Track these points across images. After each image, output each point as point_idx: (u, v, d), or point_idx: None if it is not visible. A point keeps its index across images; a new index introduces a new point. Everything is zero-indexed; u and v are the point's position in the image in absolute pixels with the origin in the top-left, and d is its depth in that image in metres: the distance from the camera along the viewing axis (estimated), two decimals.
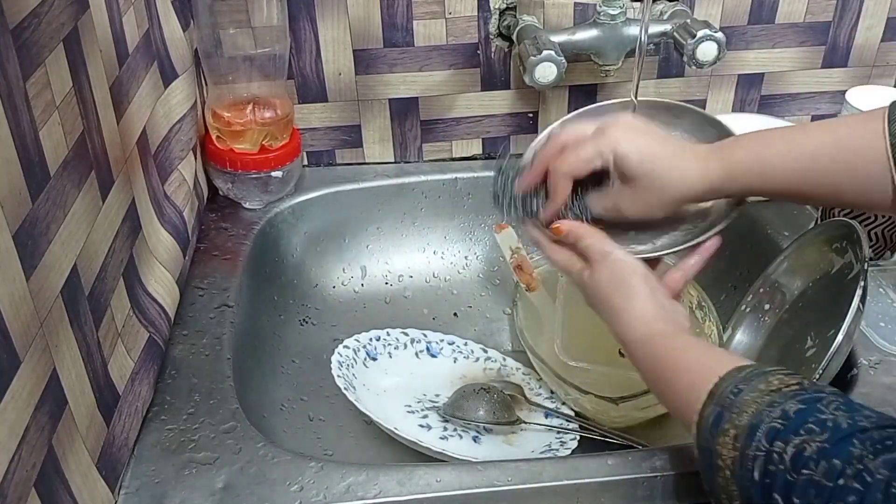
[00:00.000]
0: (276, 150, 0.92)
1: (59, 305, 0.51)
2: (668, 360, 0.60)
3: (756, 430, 0.49)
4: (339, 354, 0.81)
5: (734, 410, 0.51)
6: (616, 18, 0.90)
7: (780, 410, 0.49)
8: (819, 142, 0.63)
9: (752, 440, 0.49)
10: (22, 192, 0.47)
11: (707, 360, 0.58)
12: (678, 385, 0.58)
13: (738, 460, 0.49)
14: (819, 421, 0.47)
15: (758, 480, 0.48)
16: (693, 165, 0.66)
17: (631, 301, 0.65)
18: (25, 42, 0.48)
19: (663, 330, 0.62)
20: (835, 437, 0.46)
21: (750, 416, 0.50)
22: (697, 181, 0.66)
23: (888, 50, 1.04)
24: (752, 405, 0.50)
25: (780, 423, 0.48)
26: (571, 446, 0.77)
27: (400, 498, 0.61)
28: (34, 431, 0.47)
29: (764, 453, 0.48)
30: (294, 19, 0.93)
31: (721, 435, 0.51)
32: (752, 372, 0.53)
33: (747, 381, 0.52)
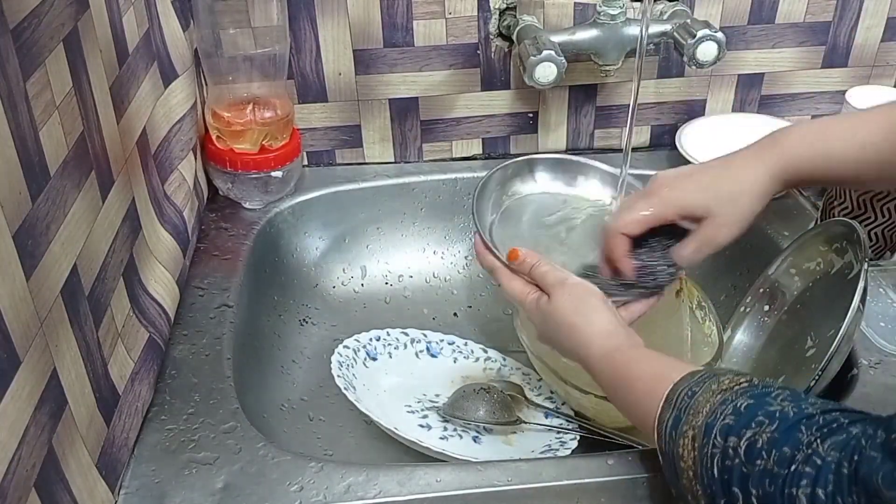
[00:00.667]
0: (276, 150, 0.92)
1: (59, 305, 0.51)
2: (626, 371, 0.61)
3: (711, 429, 0.50)
4: (339, 354, 0.81)
5: (690, 412, 0.52)
6: (616, 18, 0.90)
7: (732, 407, 0.50)
8: (881, 128, 0.63)
9: (708, 438, 0.50)
10: (22, 192, 0.47)
11: (662, 368, 0.59)
12: (637, 394, 0.59)
13: (698, 460, 0.51)
14: (767, 413, 0.48)
15: (717, 477, 0.49)
16: (749, 170, 0.67)
17: (591, 318, 0.66)
18: (25, 42, 0.48)
19: (621, 344, 0.64)
20: (783, 426, 0.47)
21: (704, 416, 0.51)
22: (759, 184, 0.67)
23: (888, 50, 1.04)
24: (705, 405, 0.52)
25: (731, 419, 0.49)
26: (571, 446, 0.77)
27: (400, 498, 0.61)
28: (34, 431, 0.47)
29: (720, 450, 0.49)
30: (294, 19, 0.93)
31: (680, 438, 0.52)
32: (704, 375, 0.55)
33: (700, 384, 0.54)
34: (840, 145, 0.65)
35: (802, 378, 0.68)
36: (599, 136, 1.05)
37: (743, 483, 0.47)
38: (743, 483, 0.47)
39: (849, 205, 0.83)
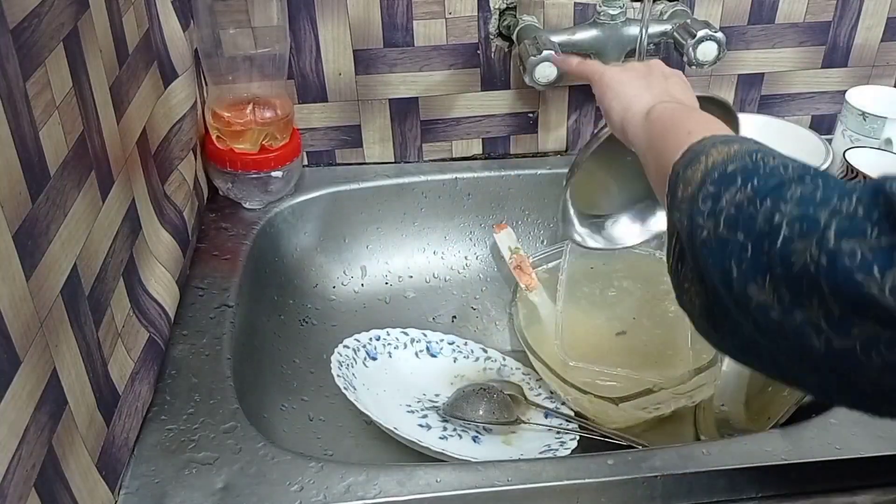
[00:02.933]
0: (276, 150, 0.92)
1: (59, 305, 0.51)
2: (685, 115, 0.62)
3: (759, 151, 0.49)
4: (339, 354, 0.81)
5: (746, 142, 0.51)
6: (616, 18, 0.90)
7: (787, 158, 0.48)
8: None
9: (749, 154, 0.48)
10: (22, 192, 0.47)
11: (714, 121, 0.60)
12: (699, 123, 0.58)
13: (723, 159, 0.49)
14: None
15: (726, 173, 0.47)
16: None
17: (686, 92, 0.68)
18: (25, 42, 0.48)
19: None
20: None
21: (759, 147, 0.50)
22: None
23: (888, 50, 1.04)
24: (765, 147, 0.50)
25: (779, 156, 0.48)
26: (571, 446, 0.77)
27: (400, 498, 0.61)
28: (34, 431, 0.47)
29: (751, 160, 0.48)
30: (294, 19, 0.93)
31: (723, 146, 0.51)
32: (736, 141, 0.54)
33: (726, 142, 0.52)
34: None
35: None
36: None
37: (749, 175, 0.46)
38: (749, 175, 0.46)
39: None
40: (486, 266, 1.02)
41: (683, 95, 0.69)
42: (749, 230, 0.43)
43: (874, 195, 0.38)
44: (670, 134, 0.59)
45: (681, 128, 0.58)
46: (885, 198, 0.37)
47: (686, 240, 0.49)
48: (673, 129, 0.59)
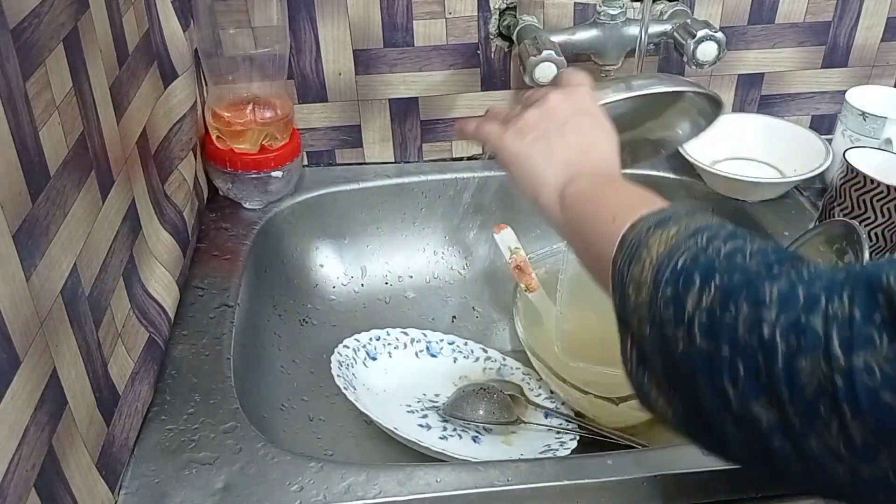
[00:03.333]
0: (276, 150, 0.92)
1: (59, 305, 0.51)
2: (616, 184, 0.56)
3: (699, 232, 0.44)
4: (339, 354, 0.81)
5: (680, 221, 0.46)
6: (616, 18, 0.90)
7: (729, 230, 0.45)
8: None
9: (691, 237, 0.44)
10: (22, 192, 0.47)
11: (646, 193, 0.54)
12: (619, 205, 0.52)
13: (668, 251, 0.44)
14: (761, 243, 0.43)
15: (680, 268, 0.42)
16: None
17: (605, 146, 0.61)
18: (25, 42, 0.48)
19: None
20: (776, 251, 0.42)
21: (696, 222, 0.45)
22: None
23: (888, 50, 1.04)
24: (701, 220, 0.46)
25: (719, 237, 0.43)
26: (571, 446, 0.77)
27: (400, 498, 0.61)
28: (34, 431, 0.47)
29: (698, 247, 0.43)
30: (294, 19, 0.93)
31: (660, 232, 0.46)
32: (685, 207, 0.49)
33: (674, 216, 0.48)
34: None
35: None
36: None
37: (708, 272, 0.41)
38: (708, 272, 0.41)
39: (849, 205, 0.83)
40: (486, 266, 1.02)
41: (592, 141, 0.61)
42: (734, 343, 0.38)
43: (870, 293, 0.34)
44: (594, 223, 0.53)
45: (604, 214, 0.52)
46: (887, 297, 0.34)
47: (655, 350, 0.44)
48: (595, 217, 0.53)
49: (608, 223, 0.50)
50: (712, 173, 0.95)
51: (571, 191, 0.57)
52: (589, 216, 0.54)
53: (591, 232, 0.53)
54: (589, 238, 0.53)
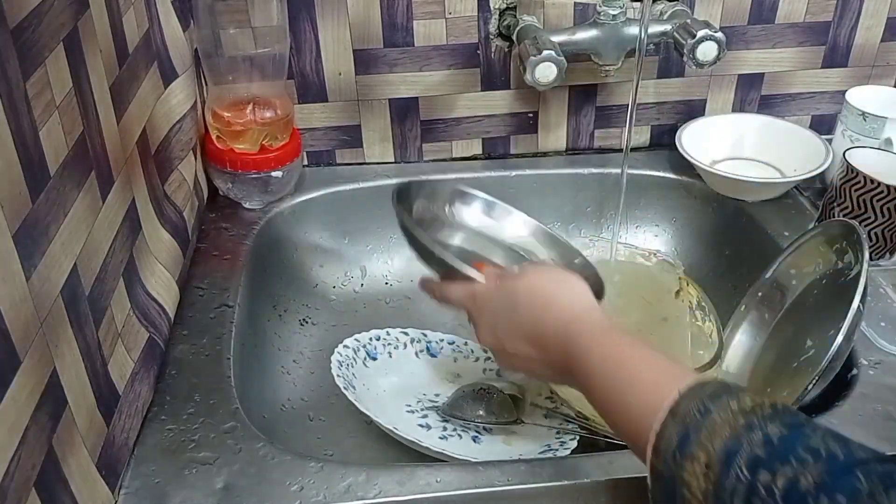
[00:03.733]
0: (276, 150, 0.92)
1: (59, 305, 0.51)
2: (622, 363, 0.52)
3: (734, 457, 0.42)
4: (339, 354, 0.81)
5: (703, 432, 0.44)
6: (616, 18, 0.90)
7: (761, 434, 0.42)
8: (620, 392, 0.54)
9: (729, 468, 0.42)
10: (22, 192, 0.47)
11: (665, 370, 0.51)
12: (632, 396, 0.50)
13: (712, 493, 0.42)
14: (810, 449, 0.41)
15: (744, 471, 0.41)
16: None
17: (576, 292, 0.58)
18: (25, 42, 0.48)
19: (615, 327, 0.55)
20: (833, 468, 0.39)
21: (724, 440, 0.43)
22: None
23: (888, 50, 1.04)
24: (724, 427, 0.43)
25: (762, 451, 0.42)
26: (571, 446, 0.77)
27: (400, 498, 0.61)
28: (34, 431, 0.47)
29: (745, 485, 0.41)
30: (294, 19, 0.93)
31: (688, 461, 0.44)
32: (718, 389, 0.47)
33: (715, 399, 0.45)
34: None
35: (802, 378, 0.68)
36: (599, 136, 1.05)
37: (773, 470, 0.40)
38: (773, 470, 0.40)
39: (849, 205, 0.83)
40: None
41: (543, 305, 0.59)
42: None
43: None
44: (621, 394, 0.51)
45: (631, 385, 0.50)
46: None
47: None
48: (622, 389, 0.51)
49: (637, 398, 0.49)
50: (712, 173, 0.95)
51: (581, 375, 0.55)
52: (615, 386, 0.52)
53: (617, 403, 0.52)
54: (619, 393, 0.52)
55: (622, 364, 0.52)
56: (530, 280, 0.60)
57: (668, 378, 0.49)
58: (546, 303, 0.58)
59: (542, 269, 0.61)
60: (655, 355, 0.52)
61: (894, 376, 0.72)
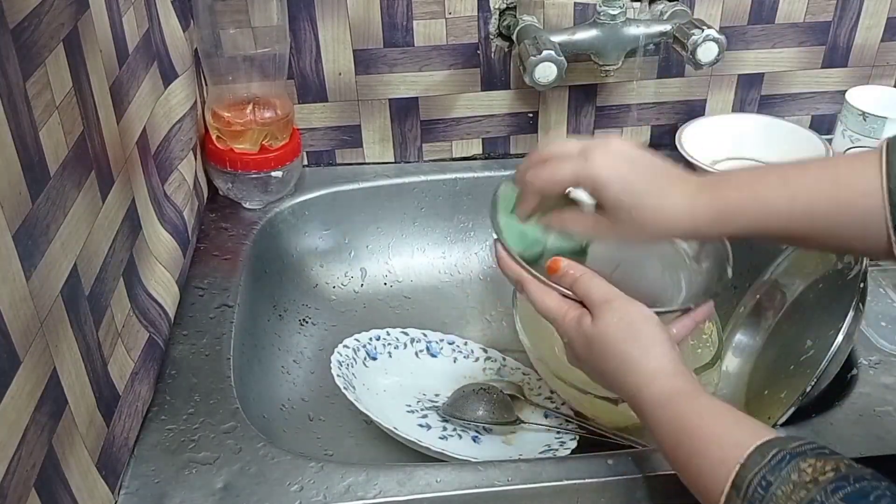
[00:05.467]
0: (276, 150, 0.92)
1: (59, 305, 0.51)
2: (690, 427, 0.53)
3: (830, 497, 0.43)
4: (339, 354, 0.81)
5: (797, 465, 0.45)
6: (616, 18, 0.90)
7: None
8: (817, 179, 0.58)
9: None
10: (22, 192, 0.47)
11: (733, 430, 0.52)
12: (699, 461, 0.51)
13: None
14: None
15: None
16: (680, 203, 0.61)
17: (649, 350, 0.58)
18: (25, 42, 0.48)
19: (685, 388, 0.56)
20: None
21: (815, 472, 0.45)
22: (683, 220, 0.61)
23: (888, 50, 1.04)
24: (787, 502, 0.45)
25: None
26: (571, 446, 0.77)
27: (400, 498, 0.61)
28: (34, 431, 0.47)
29: None
30: (294, 19, 0.93)
31: (780, 485, 0.45)
32: (779, 456, 0.47)
33: (775, 471, 0.46)
34: (774, 197, 0.59)
35: (802, 378, 0.68)
36: (599, 136, 1.05)
37: None
38: None
39: None
40: (486, 266, 1.01)
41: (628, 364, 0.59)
42: None
43: None
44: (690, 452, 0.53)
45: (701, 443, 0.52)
46: None
47: None
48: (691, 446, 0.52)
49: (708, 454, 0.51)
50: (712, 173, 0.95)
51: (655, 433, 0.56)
52: (682, 458, 0.53)
53: (687, 472, 0.53)
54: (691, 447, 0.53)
55: (690, 435, 0.53)
56: (605, 333, 0.59)
57: (733, 447, 0.50)
58: (619, 364, 0.59)
59: (618, 318, 0.59)
60: (723, 417, 0.53)
61: (894, 376, 0.72)
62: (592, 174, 0.61)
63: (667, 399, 0.55)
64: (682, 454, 0.53)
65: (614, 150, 0.62)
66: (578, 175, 0.62)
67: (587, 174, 0.61)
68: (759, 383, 0.78)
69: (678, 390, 0.55)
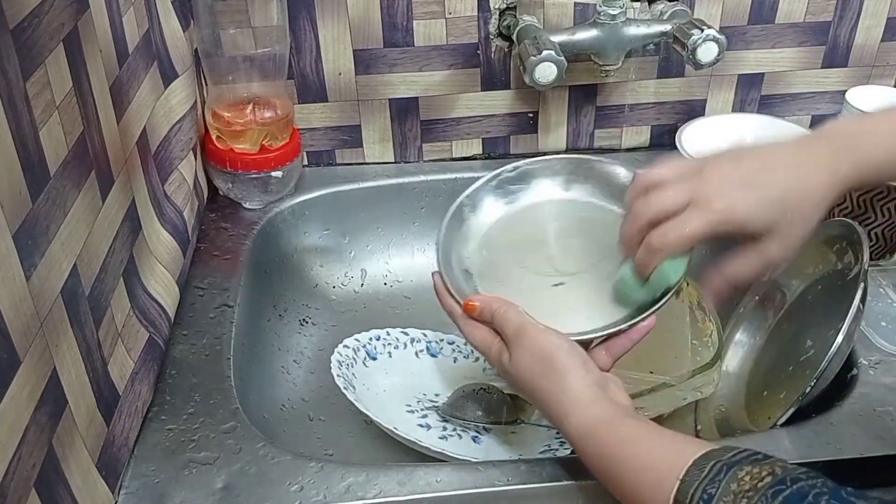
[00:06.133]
0: (276, 150, 0.92)
1: (59, 305, 0.51)
2: (618, 456, 0.53)
3: None
4: (339, 354, 0.80)
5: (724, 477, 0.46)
6: (616, 18, 0.90)
7: None
8: None
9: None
10: (22, 192, 0.47)
11: (663, 449, 0.52)
12: (637, 486, 0.51)
13: None
14: None
15: None
16: (822, 181, 0.59)
17: (562, 385, 0.58)
18: (25, 42, 0.48)
19: (604, 417, 0.56)
20: None
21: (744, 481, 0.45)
22: (831, 191, 0.59)
23: (888, 50, 1.04)
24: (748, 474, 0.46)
25: None
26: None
27: (400, 498, 0.61)
28: (34, 431, 0.47)
29: None
30: (294, 19, 0.93)
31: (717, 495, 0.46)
32: (716, 468, 0.48)
33: (714, 483, 0.47)
34: None
35: (802, 378, 0.68)
36: (599, 136, 1.05)
37: None
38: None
39: (849, 205, 0.83)
40: None
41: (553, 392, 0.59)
42: None
43: None
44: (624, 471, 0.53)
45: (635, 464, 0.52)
46: None
47: None
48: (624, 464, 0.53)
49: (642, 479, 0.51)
50: None
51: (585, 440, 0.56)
52: (615, 471, 0.53)
53: (622, 488, 0.53)
54: (622, 474, 0.53)
55: (618, 464, 0.53)
56: (520, 370, 0.60)
57: (666, 467, 0.50)
58: (539, 398, 0.60)
59: (528, 354, 0.60)
60: (648, 441, 0.53)
61: (894, 376, 0.72)
62: (727, 219, 0.58)
63: (586, 432, 0.56)
64: (615, 482, 0.53)
65: (725, 182, 0.59)
66: (712, 224, 0.58)
67: (722, 220, 0.58)
68: (759, 383, 0.78)
69: (597, 420, 0.55)
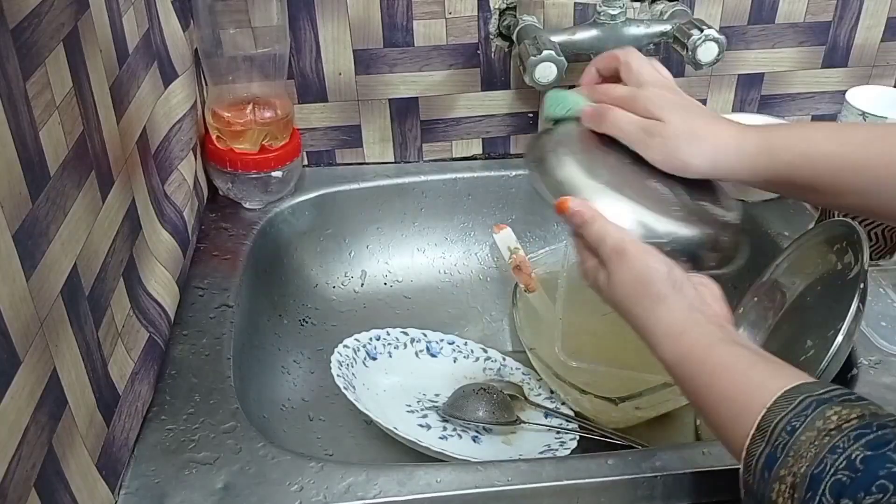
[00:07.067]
0: (276, 150, 0.92)
1: (59, 305, 0.51)
2: (706, 385, 0.53)
3: (818, 483, 0.43)
4: (339, 354, 0.81)
5: (789, 454, 0.45)
6: (616, 18, 0.90)
7: (845, 458, 0.43)
8: (868, 136, 0.61)
9: (814, 494, 0.43)
10: (22, 192, 0.47)
11: (750, 381, 0.51)
12: (721, 414, 0.51)
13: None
14: (892, 475, 0.41)
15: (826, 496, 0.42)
16: (728, 133, 0.64)
17: (655, 314, 0.56)
18: (25, 42, 0.48)
19: (695, 345, 0.55)
20: None
21: (808, 463, 0.44)
22: (732, 149, 0.63)
23: (888, 50, 1.04)
24: (809, 449, 0.44)
25: (845, 475, 0.42)
26: (571, 446, 0.77)
27: (400, 498, 0.61)
28: (34, 431, 0.47)
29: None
30: (294, 19, 0.93)
31: (775, 482, 0.45)
32: (804, 403, 0.47)
33: (800, 417, 0.46)
34: (823, 138, 0.61)
35: None
36: None
37: None
38: None
39: None
40: (486, 266, 1.02)
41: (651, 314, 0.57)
42: None
43: None
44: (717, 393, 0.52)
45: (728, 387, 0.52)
46: None
47: None
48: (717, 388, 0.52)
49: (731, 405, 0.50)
50: None
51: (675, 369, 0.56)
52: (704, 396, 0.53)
53: (709, 412, 0.53)
54: (710, 404, 0.53)
55: (707, 392, 0.53)
56: (617, 293, 0.59)
57: (755, 392, 0.50)
58: (633, 323, 0.59)
59: (629, 276, 0.58)
60: (739, 369, 0.53)
61: (894, 376, 0.72)
62: (652, 105, 0.67)
63: (678, 362, 0.55)
64: (704, 406, 0.53)
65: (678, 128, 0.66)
66: (637, 104, 0.68)
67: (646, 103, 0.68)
68: None
69: (688, 349, 0.55)
